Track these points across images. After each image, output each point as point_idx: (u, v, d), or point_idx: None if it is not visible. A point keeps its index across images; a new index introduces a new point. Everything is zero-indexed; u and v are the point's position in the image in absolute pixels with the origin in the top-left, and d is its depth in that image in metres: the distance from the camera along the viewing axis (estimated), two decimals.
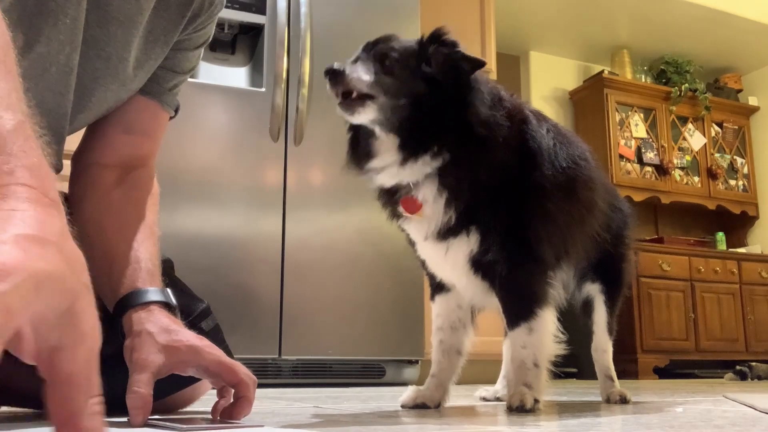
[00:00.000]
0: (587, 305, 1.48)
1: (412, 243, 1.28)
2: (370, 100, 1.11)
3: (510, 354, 1.20)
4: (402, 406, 1.25)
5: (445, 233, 1.16)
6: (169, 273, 1.13)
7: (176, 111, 1.15)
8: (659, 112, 5.32)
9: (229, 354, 1.10)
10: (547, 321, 1.19)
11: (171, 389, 1.05)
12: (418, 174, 1.13)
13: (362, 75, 1.11)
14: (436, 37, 1.16)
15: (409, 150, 1.11)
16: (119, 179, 1.05)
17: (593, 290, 1.47)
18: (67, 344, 0.39)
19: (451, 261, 1.20)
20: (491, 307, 1.27)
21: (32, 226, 0.40)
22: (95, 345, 0.41)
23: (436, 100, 1.12)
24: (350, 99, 1.11)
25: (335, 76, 1.10)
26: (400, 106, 1.12)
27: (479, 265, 1.18)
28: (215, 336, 1.09)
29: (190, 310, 1.08)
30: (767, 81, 5.76)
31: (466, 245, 1.17)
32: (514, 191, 1.18)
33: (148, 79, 1.08)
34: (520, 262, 1.18)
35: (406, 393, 1.27)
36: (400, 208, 1.17)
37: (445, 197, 1.14)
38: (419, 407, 1.24)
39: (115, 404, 1.03)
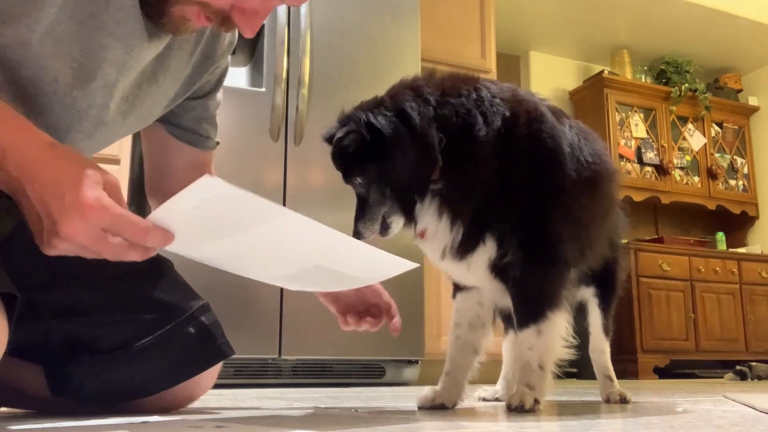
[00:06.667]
0: (581, 308, 1.49)
1: None
2: (392, 223, 1.18)
3: (515, 353, 1.20)
4: (419, 408, 1.24)
5: (461, 250, 1.17)
6: (169, 269, 1.14)
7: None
8: (659, 112, 5.32)
9: (230, 351, 1.11)
10: (558, 324, 1.17)
11: (170, 381, 1.06)
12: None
13: (372, 227, 1.17)
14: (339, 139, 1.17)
15: (411, 211, 1.16)
16: None
17: (587, 293, 1.47)
18: None
19: (473, 272, 1.21)
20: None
21: None
22: None
23: (411, 159, 1.12)
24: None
25: (359, 239, 1.16)
26: (400, 193, 1.15)
27: (496, 267, 1.18)
28: (215, 331, 1.10)
29: (190, 304, 1.09)
30: (767, 81, 5.76)
31: (484, 253, 1.17)
32: (532, 192, 1.17)
33: (193, 131, 1.17)
34: (535, 263, 1.17)
35: (423, 393, 1.25)
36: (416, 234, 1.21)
37: (448, 218, 1.15)
38: (437, 408, 1.23)
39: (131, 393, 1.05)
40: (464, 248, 1.17)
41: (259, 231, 0.80)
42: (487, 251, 1.16)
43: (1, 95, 0.84)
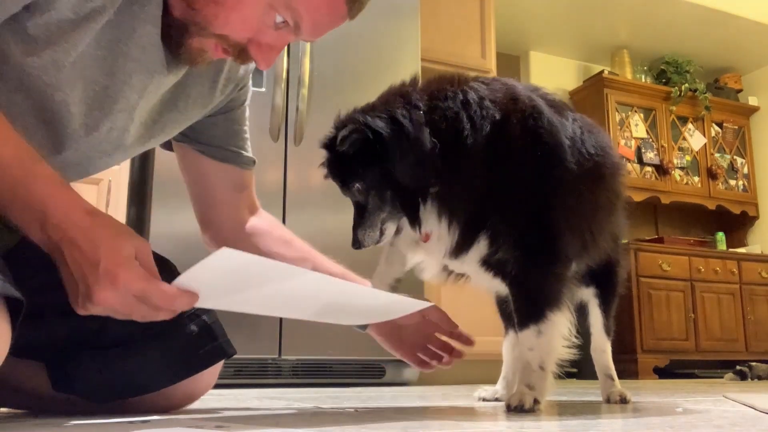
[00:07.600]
0: (582, 309, 1.48)
1: None
2: (386, 229, 1.19)
3: (516, 353, 1.20)
4: None
5: (458, 250, 1.18)
6: (171, 269, 1.14)
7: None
8: (659, 112, 5.32)
9: (232, 350, 1.12)
10: (558, 325, 1.17)
11: (172, 378, 1.07)
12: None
13: (373, 234, 1.19)
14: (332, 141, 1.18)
15: (416, 214, 1.16)
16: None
17: (587, 294, 1.47)
18: None
19: (471, 269, 1.22)
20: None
21: None
22: None
23: (410, 161, 1.12)
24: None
25: (359, 247, 1.21)
26: (403, 196, 1.15)
27: (488, 263, 1.18)
28: (217, 329, 1.11)
29: None
30: (767, 81, 5.76)
31: (478, 251, 1.17)
32: (531, 189, 1.17)
33: (221, 147, 1.19)
34: (535, 261, 1.17)
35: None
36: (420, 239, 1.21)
37: (447, 220, 1.15)
38: None
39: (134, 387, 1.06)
40: (461, 248, 1.17)
41: (278, 288, 0.87)
42: (480, 249, 1.17)
43: (27, 119, 0.88)
